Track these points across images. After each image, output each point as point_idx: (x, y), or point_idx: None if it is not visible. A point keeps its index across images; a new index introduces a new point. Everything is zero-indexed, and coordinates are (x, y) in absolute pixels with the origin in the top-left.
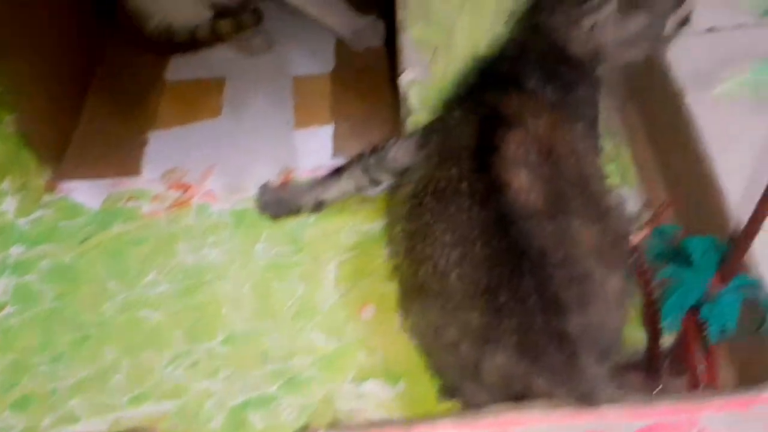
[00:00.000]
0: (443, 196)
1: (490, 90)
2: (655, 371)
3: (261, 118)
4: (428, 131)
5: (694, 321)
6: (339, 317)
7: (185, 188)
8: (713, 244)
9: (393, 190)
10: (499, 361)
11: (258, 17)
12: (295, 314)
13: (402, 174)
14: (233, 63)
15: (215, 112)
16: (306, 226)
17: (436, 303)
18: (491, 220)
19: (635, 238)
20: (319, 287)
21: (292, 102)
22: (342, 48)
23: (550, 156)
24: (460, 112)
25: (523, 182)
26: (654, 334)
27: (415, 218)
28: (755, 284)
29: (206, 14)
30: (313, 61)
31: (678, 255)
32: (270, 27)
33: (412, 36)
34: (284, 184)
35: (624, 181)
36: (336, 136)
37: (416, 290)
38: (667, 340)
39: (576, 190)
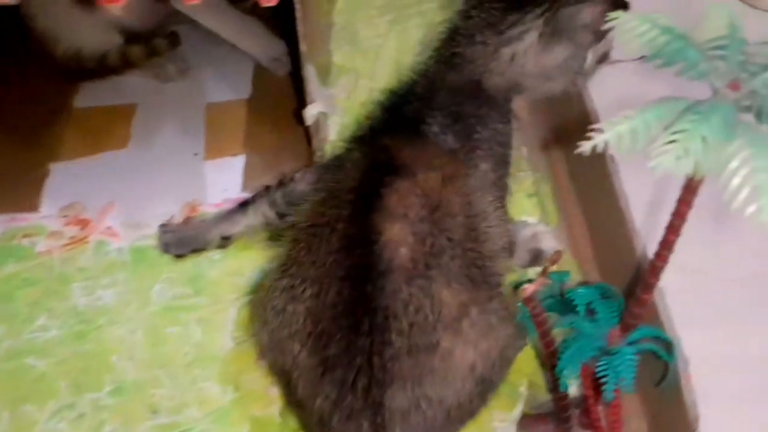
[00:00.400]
0: (319, 233)
1: (390, 133)
2: (565, 422)
3: (169, 148)
4: (324, 167)
5: (592, 374)
6: (235, 366)
7: (84, 224)
8: (599, 294)
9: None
10: (319, 406)
11: (173, 43)
12: (190, 363)
13: None
14: (146, 89)
15: (123, 141)
16: (209, 264)
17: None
18: (353, 267)
19: (530, 288)
20: (217, 333)
21: (203, 131)
22: (261, 74)
23: (435, 212)
24: (357, 152)
25: (394, 236)
26: (556, 384)
27: (290, 248)
28: (657, 335)
29: (117, 39)
30: (228, 88)
31: (567, 305)
32: (186, 51)
33: (334, 64)
34: (187, 220)
35: (545, 217)
36: (247, 168)
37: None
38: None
39: (455, 252)
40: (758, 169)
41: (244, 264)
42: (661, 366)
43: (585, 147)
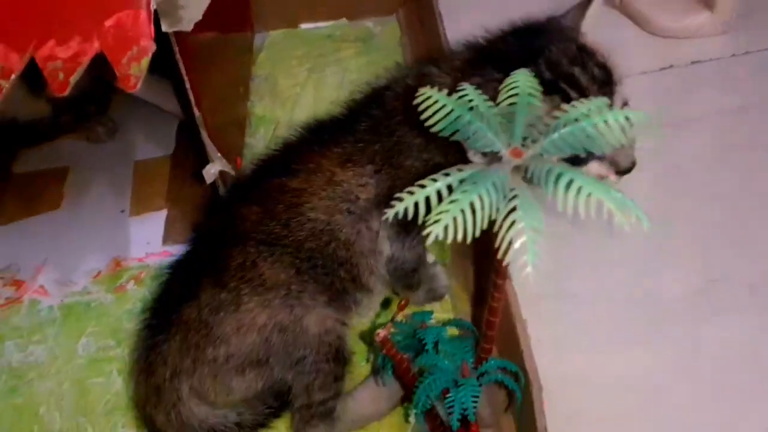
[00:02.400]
0: None
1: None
2: None
3: (99, 206)
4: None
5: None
6: None
7: (18, 285)
8: (448, 331)
9: None
10: None
11: (102, 107)
12: (111, 410)
13: None
14: (78, 151)
15: (57, 202)
16: (128, 317)
17: None
18: None
19: (381, 333)
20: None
21: (130, 188)
22: (184, 131)
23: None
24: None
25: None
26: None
27: None
28: (505, 366)
29: (47, 107)
30: (154, 145)
31: (419, 344)
32: (115, 112)
33: (255, 115)
34: None
35: (440, 254)
36: (168, 222)
37: None
38: None
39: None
40: (527, 228)
41: None
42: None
43: (389, 214)
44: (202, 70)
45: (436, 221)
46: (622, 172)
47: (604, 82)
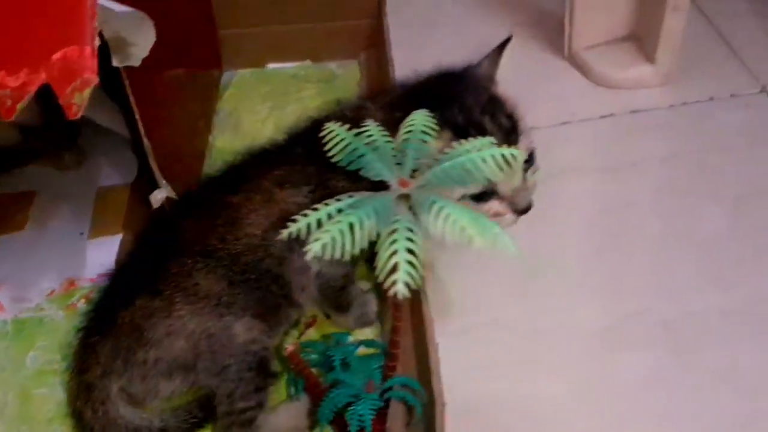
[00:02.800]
0: None
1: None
2: None
3: (60, 230)
4: None
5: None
6: None
7: None
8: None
9: None
10: None
11: (71, 135)
12: (51, 418)
13: None
14: (46, 177)
15: (21, 224)
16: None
17: None
18: None
19: (289, 348)
20: None
21: (91, 213)
22: None
23: None
24: None
25: None
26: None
27: None
28: (407, 383)
29: (17, 135)
30: (118, 173)
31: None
32: (83, 140)
33: (215, 147)
34: None
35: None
36: (122, 246)
37: None
38: None
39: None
40: (400, 250)
41: None
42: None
43: (284, 234)
44: (156, 103)
45: (316, 239)
46: (520, 211)
47: (510, 131)
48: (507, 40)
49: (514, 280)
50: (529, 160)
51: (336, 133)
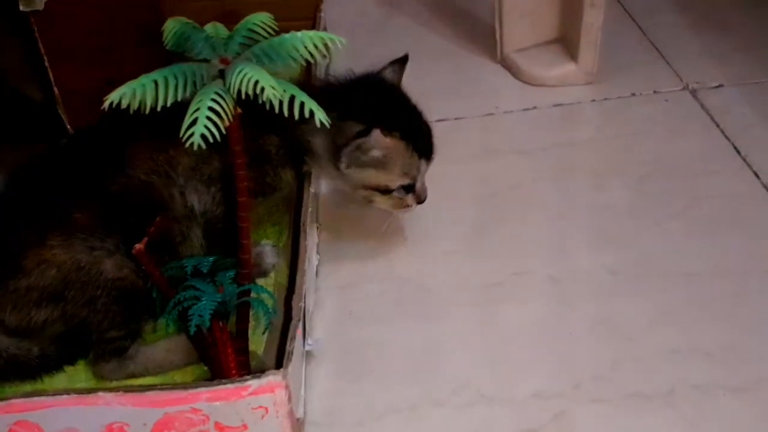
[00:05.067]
0: None
1: None
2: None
3: None
4: None
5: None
6: None
7: None
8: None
9: None
10: None
11: None
12: None
13: None
14: None
15: None
16: None
17: None
18: None
19: (138, 246)
20: None
21: None
22: None
23: None
24: None
25: None
26: None
27: None
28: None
29: None
30: None
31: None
32: None
33: None
34: None
35: (276, 240)
36: None
37: None
38: None
39: None
40: (202, 107)
41: None
42: None
43: (104, 104)
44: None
45: (116, 91)
46: (421, 201)
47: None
48: (406, 57)
49: (409, 245)
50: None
51: (171, 25)
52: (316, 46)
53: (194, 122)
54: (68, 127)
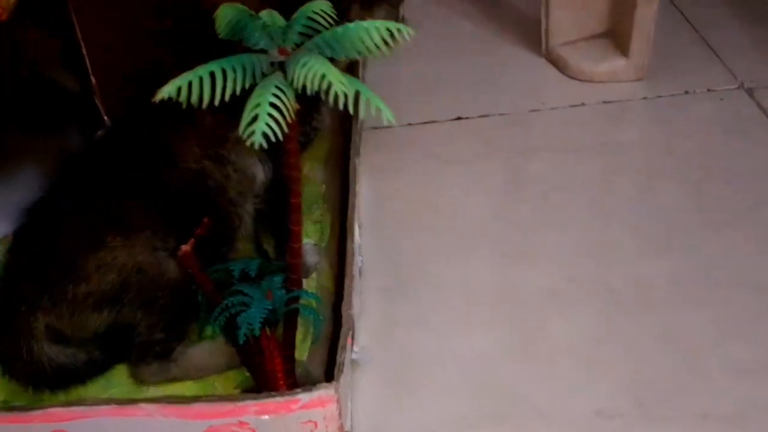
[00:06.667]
0: None
1: None
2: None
3: None
4: None
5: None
6: None
7: None
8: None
9: None
10: None
11: None
12: None
13: None
14: None
15: None
16: None
17: None
18: None
19: (184, 248)
20: None
21: None
22: None
23: None
24: None
25: None
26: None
27: None
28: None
29: None
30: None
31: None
32: None
33: None
34: None
35: (318, 240)
36: None
37: None
38: None
39: None
40: (263, 102)
41: None
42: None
43: (156, 97)
44: None
45: (171, 82)
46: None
47: None
48: None
49: (454, 247)
50: None
51: (224, 11)
52: (383, 38)
53: (254, 119)
54: (105, 117)
